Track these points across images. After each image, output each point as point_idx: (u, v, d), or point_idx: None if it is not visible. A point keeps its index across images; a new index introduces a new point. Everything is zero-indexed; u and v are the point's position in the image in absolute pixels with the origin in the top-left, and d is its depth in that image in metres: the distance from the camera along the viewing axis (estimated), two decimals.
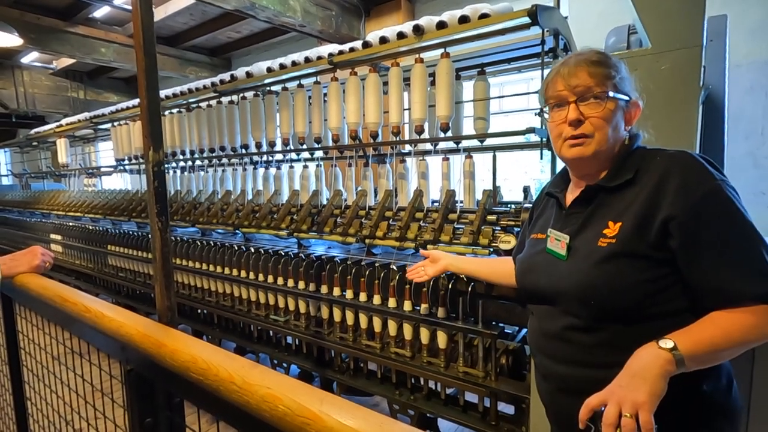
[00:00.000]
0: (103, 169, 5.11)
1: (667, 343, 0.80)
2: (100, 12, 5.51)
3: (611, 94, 0.93)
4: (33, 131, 5.72)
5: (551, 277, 1.00)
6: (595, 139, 0.95)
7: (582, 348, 0.94)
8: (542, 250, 1.05)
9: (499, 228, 1.80)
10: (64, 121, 4.87)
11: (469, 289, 1.70)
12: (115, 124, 3.96)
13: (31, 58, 7.18)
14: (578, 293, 0.93)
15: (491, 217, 1.84)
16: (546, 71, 1.77)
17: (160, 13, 5.33)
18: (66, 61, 7.18)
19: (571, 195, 1.06)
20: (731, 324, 0.81)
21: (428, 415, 1.94)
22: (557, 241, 1.01)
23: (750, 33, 2.97)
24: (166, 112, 3.34)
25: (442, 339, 1.78)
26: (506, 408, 1.73)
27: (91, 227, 3.93)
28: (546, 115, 1.03)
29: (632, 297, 0.88)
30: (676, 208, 0.85)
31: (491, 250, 1.74)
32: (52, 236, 4.51)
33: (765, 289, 0.80)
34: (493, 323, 1.69)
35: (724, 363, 0.91)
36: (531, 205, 1.61)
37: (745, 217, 0.84)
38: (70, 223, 4.27)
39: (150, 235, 1.00)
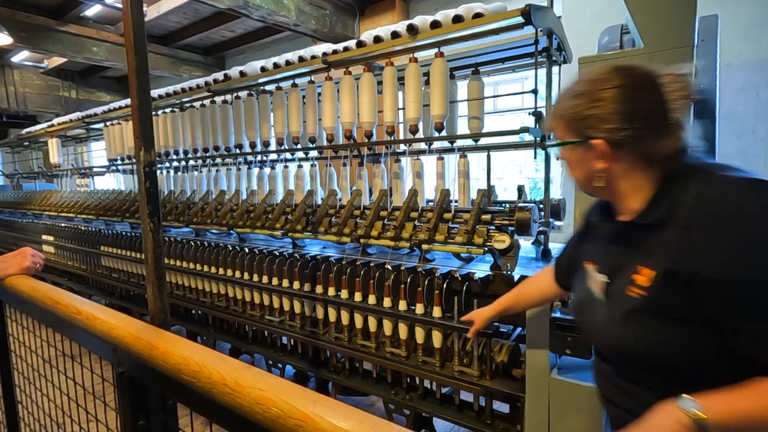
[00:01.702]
0: (95, 169, 5.06)
1: (688, 404, 0.68)
2: (92, 11, 5.46)
3: (552, 143, 0.93)
4: (24, 131, 5.66)
5: (591, 320, 0.93)
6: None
7: (625, 392, 0.87)
8: (586, 284, 0.96)
9: (494, 227, 1.80)
10: (55, 121, 4.83)
11: (464, 288, 1.71)
12: (108, 123, 3.93)
13: (21, 56, 7.10)
14: (609, 344, 0.88)
15: (486, 217, 1.84)
16: (540, 71, 1.78)
17: (153, 12, 5.28)
18: (57, 60, 7.11)
19: (614, 227, 0.94)
20: None
21: (424, 414, 1.94)
22: (596, 282, 0.92)
23: (742, 33, 3.00)
24: (159, 112, 3.32)
25: (437, 338, 1.78)
26: (501, 407, 1.74)
27: (83, 228, 3.90)
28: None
29: (663, 356, 0.78)
30: (706, 259, 0.70)
31: (486, 249, 1.74)
32: (44, 237, 4.46)
33: None
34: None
35: None
36: (528, 205, 1.60)
37: None
38: (63, 224, 4.23)
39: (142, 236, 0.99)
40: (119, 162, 3.92)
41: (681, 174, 0.80)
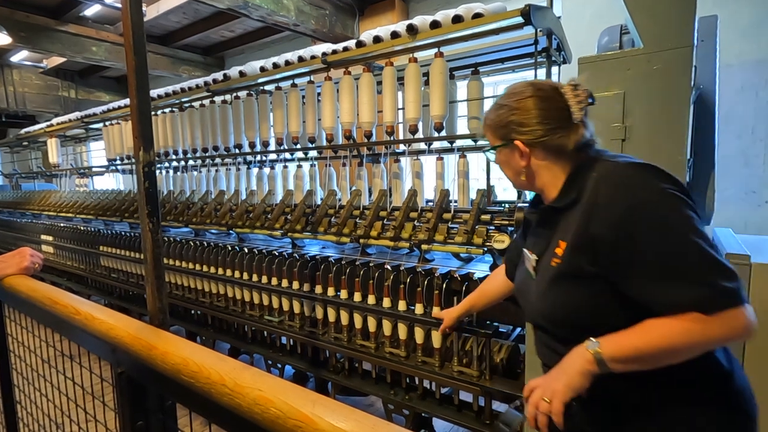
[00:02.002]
0: (94, 169, 5.06)
1: (593, 344, 0.86)
2: (91, 10, 5.45)
3: (486, 149, 1.10)
4: (23, 131, 5.65)
5: (527, 295, 1.08)
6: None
7: (560, 355, 0.95)
8: (525, 269, 1.12)
9: (494, 227, 1.80)
10: (54, 121, 4.82)
11: (464, 288, 1.71)
12: (107, 123, 3.92)
13: (20, 56, 7.09)
14: (540, 311, 1.01)
15: (485, 217, 1.84)
16: (540, 71, 1.78)
17: (152, 12, 5.28)
18: (56, 60, 7.10)
19: (540, 213, 1.12)
20: (656, 329, 0.82)
21: (423, 414, 1.94)
22: (529, 262, 1.08)
23: (741, 33, 3.00)
24: (159, 112, 3.31)
25: (436, 338, 1.78)
26: (501, 407, 1.74)
27: (82, 228, 3.90)
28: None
29: (579, 314, 0.93)
30: (599, 227, 0.87)
31: (485, 249, 1.74)
32: (43, 237, 4.46)
33: (688, 296, 0.80)
34: (488, 322, 1.70)
35: (715, 372, 0.89)
36: (525, 206, 1.61)
37: (672, 225, 0.83)
38: (62, 224, 4.22)
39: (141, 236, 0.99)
40: (118, 162, 3.91)
41: (586, 165, 0.97)
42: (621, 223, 0.85)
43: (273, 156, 2.85)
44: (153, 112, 3.26)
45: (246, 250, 2.46)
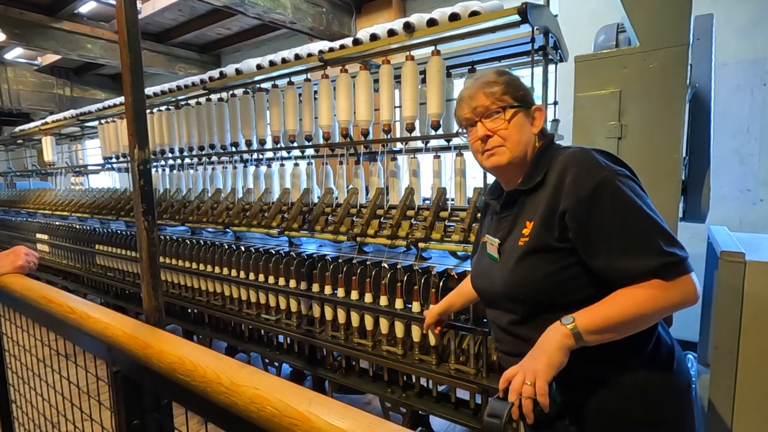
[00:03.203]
0: (90, 168, 5.02)
1: (568, 319, 0.91)
2: (86, 7, 5.41)
3: (506, 107, 1.04)
4: (18, 129, 5.61)
5: (491, 279, 1.09)
6: (507, 147, 1.05)
7: (525, 340, 0.99)
8: (486, 255, 1.14)
9: None
10: (49, 119, 4.78)
11: None
12: (102, 121, 3.90)
13: (15, 54, 7.03)
14: (506, 290, 1.03)
15: None
16: (536, 69, 1.78)
17: (147, 9, 5.25)
18: (51, 58, 7.04)
19: (505, 197, 1.15)
20: (625, 298, 0.89)
21: (420, 412, 1.95)
22: (492, 246, 1.10)
23: (737, 32, 3.01)
24: (155, 110, 3.30)
25: (433, 336, 1.78)
26: None
27: (78, 226, 3.87)
28: (464, 136, 1.15)
29: (547, 287, 0.97)
30: (568, 202, 0.93)
31: None
32: (39, 236, 4.43)
33: (652, 264, 0.87)
34: (485, 320, 1.70)
35: (662, 341, 0.98)
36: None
37: (633, 201, 0.90)
38: (57, 223, 4.20)
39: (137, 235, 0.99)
40: (114, 160, 3.89)
41: (548, 152, 1.05)
42: (588, 199, 0.91)
43: (270, 154, 2.84)
44: (149, 110, 3.24)
45: (243, 248, 2.45)
